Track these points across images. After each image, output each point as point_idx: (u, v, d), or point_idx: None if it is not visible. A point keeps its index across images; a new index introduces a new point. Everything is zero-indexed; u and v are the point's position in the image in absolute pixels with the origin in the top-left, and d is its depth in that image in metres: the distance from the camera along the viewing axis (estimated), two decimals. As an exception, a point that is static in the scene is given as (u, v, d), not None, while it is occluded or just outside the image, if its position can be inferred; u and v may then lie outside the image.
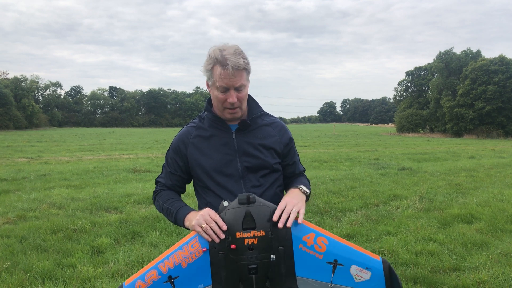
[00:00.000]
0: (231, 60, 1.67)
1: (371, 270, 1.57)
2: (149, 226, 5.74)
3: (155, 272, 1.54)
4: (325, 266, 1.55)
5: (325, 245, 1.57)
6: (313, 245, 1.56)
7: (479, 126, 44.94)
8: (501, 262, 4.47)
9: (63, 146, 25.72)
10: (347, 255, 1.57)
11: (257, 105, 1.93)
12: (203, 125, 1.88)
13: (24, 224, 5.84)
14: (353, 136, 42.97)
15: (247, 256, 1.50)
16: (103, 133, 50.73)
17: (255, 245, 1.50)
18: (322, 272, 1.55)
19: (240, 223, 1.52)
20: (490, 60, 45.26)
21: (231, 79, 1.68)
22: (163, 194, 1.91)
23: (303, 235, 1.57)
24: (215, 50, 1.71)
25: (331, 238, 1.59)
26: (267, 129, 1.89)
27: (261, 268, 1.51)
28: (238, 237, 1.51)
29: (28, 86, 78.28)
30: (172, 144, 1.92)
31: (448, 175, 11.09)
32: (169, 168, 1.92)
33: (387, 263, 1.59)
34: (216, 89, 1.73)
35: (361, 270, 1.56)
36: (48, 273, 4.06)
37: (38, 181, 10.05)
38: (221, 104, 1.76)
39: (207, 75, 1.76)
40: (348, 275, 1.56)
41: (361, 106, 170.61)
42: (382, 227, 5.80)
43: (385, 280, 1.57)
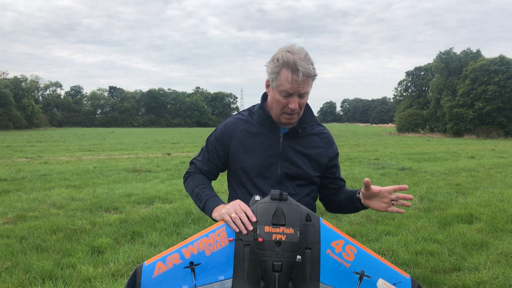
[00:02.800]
0: (302, 66, 1.59)
1: (399, 286, 1.51)
2: (149, 226, 5.73)
3: (177, 255, 1.50)
4: (351, 276, 1.50)
5: (354, 254, 1.52)
6: (341, 252, 1.51)
7: (479, 126, 44.93)
8: (501, 262, 4.47)
9: (63, 146, 25.72)
10: (375, 268, 1.52)
11: (311, 113, 1.87)
12: (252, 121, 1.82)
13: (24, 224, 5.84)
14: (353, 136, 42.98)
15: (273, 252, 1.45)
16: (103, 133, 50.74)
17: (282, 241, 1.46)
18: (348, 281, 1.50)
19: (270, 218, 1.48)
20: (490, 60, 45.24)
21: (299, 86, 1.62)
22: (197, 177, 1.87)
23: (332, 241, 1.52)
24: (285, 53, 1.62)
25: (360, 248, 1.54)
26: (314, 138, 1.85)
27: (286, 267, 1.45)
28: (267, 231, 1.47)
29: (28, 86, 78.24)
30: (216, 131, 1.87)
31: (448, 175, 11.09)
32: (208, 154, 1.88)
33: (416, 282, 1.52)
34: (278, 92, 1.67)
35: (388, 285, 1.50)
36: (48, 273, 4.06)
37: (38, 181, 10.05)
38: (281, 108, 1.70)
39: (271, 76, 1.69)
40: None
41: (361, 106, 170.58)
42: (382, 227, 5.80)
43: None
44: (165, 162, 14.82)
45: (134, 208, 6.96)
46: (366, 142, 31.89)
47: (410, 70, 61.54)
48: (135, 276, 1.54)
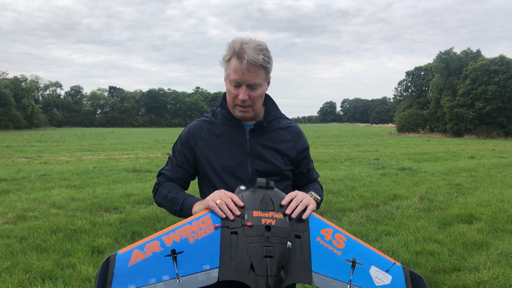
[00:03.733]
0: (248, 54, 1.56)
1: (392, 274, 1.46)
2: (149, 226, 5.73)
3: (157, 243, 1.38)
4: (343, 264, 1.43)
5: (344, 242, 1.46)
6: (331, 240, 1.45)
7: (479, 126, 44.93)
8: (501, 262, 4.47)
9: (63, 146, 25.72)
10: (366, 255, 1.47)
11: (275, 106, 1.82)
12: (216, 121, 1.78)
13: (24, 224, 5.84)
14: (353, 136, 42.97)
15: (263, 236, 1.36)
16: (103, 133, 50.73)
17: (272, 226, 1.38)
18: (340, 270, 1.43)
19: (258, 204, 1.44)
20: (490, 60, 45.24)
21: (245, 74, 1.58)
22: (168, 184, 1.76)
23: (321, 229, 1.47)
24: (236, 42, 1.61)
25: (349, 237, 1.50)
26: (282, 132, 1.80)
27: (277, 252, 1.35)
28: (255, 216, 1.40)
29: (28, 86, 78.25)
30: (181, 136, 1.82)
31: (448, 175, 11.09)
32: (176, 161, 1.79)
33: (407, 269, 1.48)
34: (229, 82, 1.64)
35: (381, 272, 1.45)
36: (48, 273, 4.06)
37: (38, 181, 10.05)
38: (232, 99, 1.66)
39: (225, 67, 1.67)
40: (368, 276, 1.44)
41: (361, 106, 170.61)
42: (382, 227, 5.80)
43: (407, 286, 1.46)
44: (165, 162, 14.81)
45: (134, 208, 6.96)
46: (366, 142, 31.89)
47: (410, 70, 61.56)
48: (107, 264, 1.35)
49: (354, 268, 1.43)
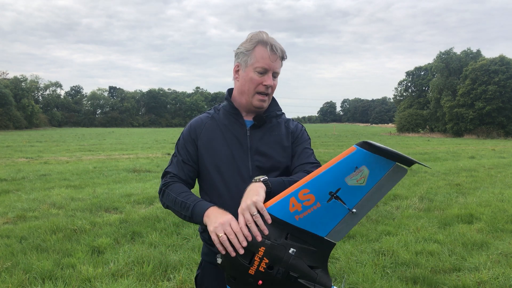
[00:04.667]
0: (277, 44, 1.67)
1: (363, 164, 1.37)
2: (149, 226, 5.73)
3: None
4: (330, 205, 1.39)
5: (310, 193, 1.40)
6: (303, 205, 1.39)
7: (479, 126, 44.90)
8: (501, 262, 4.47)
9: (63, 146, 25.71)
10: (334, 178, 1.38)
11: (276, 103, 1.86)
12: (218, 117, 1.79)
13: (24, 224, 5.84)
14: (353, 136, 42.96)
15: (273, 276, 1.40)
16: (103, 133, 50.73)
17: (268, 263, 1.40)
18: (334, 212, 1.40)
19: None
20: (490, 60, 45.21)
21: (274, 62, 1.66)
22: (176, 186, 1.69)
23: (288, 208, 1.41)
24: (261, 32, 1.69)
25: (308, 183, 1.41)
26: (281, 127, 1.82)
27: (285, 267, 1.40)
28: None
29: (28, 86, 78.26)
30: (183, 133, 1.81)
31: (448, 175, 11.09)
32: (181, 157, 1.76)
33: (365, 144, 1.37)
34: (253, 70, 1.66)
35: (355, 173, 1.37)
36: (48, 273, 4.06)
37: (38, 181, 10.05)
38: (254, 87, 1.68)
39: (244, 57, 1.69)
40: (352, 188, 1.38)
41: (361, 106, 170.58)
42: (382, 227, 5.80)
43: (377, 154, 1.36)
44: (165, 162, 14.81)
45: (134, 208, 6.96)
46: (366, 142, 31.81)
47: (410, 70, 61.53)
48: None
49: (339, 197, 1.38)
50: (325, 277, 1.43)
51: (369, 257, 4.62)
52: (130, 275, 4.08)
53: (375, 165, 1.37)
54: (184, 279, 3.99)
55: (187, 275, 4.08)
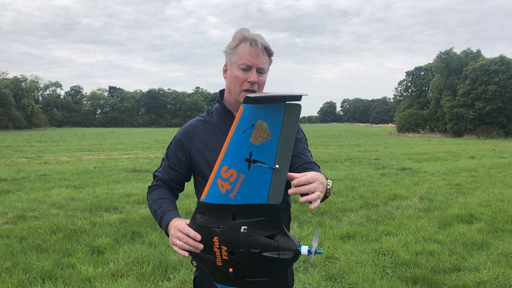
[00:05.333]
0: (260, 39, 1.65)
1: (258, 119, 1.34)
2: (149, 226, 5.73)
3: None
4: (254, 171, 1.37)
5: (229, 168, 1.38)
6: (230, 182, 1.38)
7: (479, 126, 44.92)
8: (501, 262, 4.47)
9: (63, 146, 25.72)
10: (241, 144, 1.36)
11: None
12: (211, 120, 1.78)
13: (24, 224, 5.84)
14: (353, 136, 42.98)
15: (238, 258, 1.40)
16: (103, 133, 50.74)
17: (228, 249, 1.40)
18: (260, 176, 1.38)
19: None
20: (490, 60, 45.24)
21: (258, 58, 1.64)
22: (155, 192, 1.76)
23: (220, 191, 1.40)
24: (244, 29, 1.68)
25: (222, 160, 1.40)
26: None
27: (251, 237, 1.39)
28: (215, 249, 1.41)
29: (28, 86, 78.29)
30: (175, 137, 1.82)
31: (448, 175, 11.09)
32: (169, 162, 1.79)
33: (248, 99, 1.31)
34: (237, 67, 1.66)
35: (256, 131, 1.35)
36: (48, 273, 4.06)
37: (38, 181, 10.05)
38: (239, 85, 1.67)
39: (229, 55, 1.69)
40: (262, 146, 1.36)
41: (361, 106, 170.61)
42: (382, 227, 5.80)
43: (264, 103, 1.32)
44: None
45: (134, 208, 6.96)
46: (366, 142, 31.90)
47: (410, 70, 61.55)
48: None
49: (255, 161, 1.37)
50: (287, 241, 1.41)
51: (369, 257, 4.62)
52: (130, 275, 4.08)
53: (269, 114, 1.35)
54: (184, 279, 3.99)
55: (187, 275, 4.08)
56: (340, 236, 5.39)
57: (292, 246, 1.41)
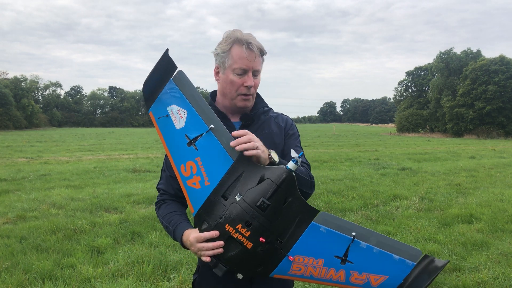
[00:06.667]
0: (254, 41, 1.58)
1: (164, 108, 1.46)
2: (149, 226, 5.73)
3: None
4: (203, 149, 1.44)
5: (185, 163, 1.45)
6: (194, 173, 1.43)
7: (479, 126, 44.88)
8: (501, 262, 4.47)
9: (63, 146, 25.71)
10: (175, 136, 1.45)
11: (261, 99, 1.79)
12: None
13: (24, 224, 5.84)
14: (353, 136, 42.97)
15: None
16: (103, 133, 50.72)
17: (243, 225, 1.37)
18: (210, 148, 1.43)
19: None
20: (491, 60, 45.21)
21: (253, 61, 1.58)
22: (162, 208, 1.73)
23: (195, 188, 1.44)
24: (235, 31, 1.60)
25: (175, 160, 1.47)
26: (271, 124, 1.75)
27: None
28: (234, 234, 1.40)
29: (28, 86, 78.23)
30: None
31: (448, 175, 11.09)
32: (169, 172, 1.74)
33: (147, 102, 1.48)
34: (232, 71, 1.59)
35: (173, 117, 1.45)
36: (48, 273, 4.06)
37: (38, 181, 10.05)
38: (236, 89, 1.62)
39: (222, 59, 1.62)
40: (189, 123, 1.44)
41: (361, 106, 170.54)
42: (382, 227, 5.80)
43: (156, 93, 1.46)
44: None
45: (134, 208, 6.96)
46: (366, 142, 31.89)
47: (410, 70, 61.50)
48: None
49: (196, 138, 1.44)
50: (273, 170, 1.39)
51: (369, 257, 4.62)
52: (130, 275, 4.08)
53: (169, 97, 1.44)
54: (184, 279, 3.99)
55: (187, 275, 4.08)
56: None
57: (279, 169, 1.39)
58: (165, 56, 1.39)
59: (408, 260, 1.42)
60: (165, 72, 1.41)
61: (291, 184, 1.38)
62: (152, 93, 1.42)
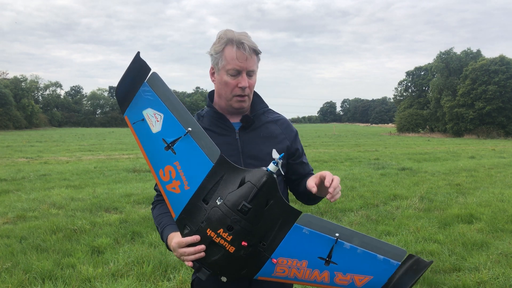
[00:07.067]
0: (247, 40, 1.56)
1: (139, 113, 1.42)
2: (149, 226, 5.73)
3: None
4: (181, 150, 1.41)
5: (163, 167, 1.42)
6: (173, 177, 1.41)
7: (479, 126, 44.89)
8: (501, 262, 4.47)
9: (63, 146, 25.71)
10: (152, 141, 1.43)
11: (261, 100, 1.77)
12: (203, 124, 1.70)
13: (24, 224, 5.84)
14: (353, 136, 42.97)
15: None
16: (103, 133, 50.72)
17: (224, 230, 1.36)
18: (189, 149, 1.41)
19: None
20: (490, 60, 45.21)
21: (247, 61, 1.56)
22: (156, 208, 1.75)
23: (175, 193, 1.42)
24: (227, 31, 1.58)
25: (153, 166, 1.45)
26: (272, 127, 1.73)
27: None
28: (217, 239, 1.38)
29: (28, 86, 78.23)
30: None
31: (448, 175, 11.09)
32: None
33: (121, 108, 1.44)
34: (225, 72, 1.58)
35: (149, 121, 1.42)
36: (48, 273, 4.06)
37: (38, 181, 10.05)
38: (230, 90, 1.60)
39: (215, 60, 1.61)
40: (165, 126, 1.42)
41: (361, 106, 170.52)
42: (382, 227, 5.80)
43: (129, 96, 1.42)
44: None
45: (134, 208, 6.96)
46: (366, 142, 31.89)
47: (410, 70, 61.49)
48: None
49: (174, 142, 1.41)
50: (253, 173, 1.39)
51: (369, 257, 4.62)
52: (130, 275, 4.08)
53: (143, 101, 1.40)
54: (184, 279, 3.99)
55: (187, 275, 4.08)
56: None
57: (260, 172, 1.38)
58: (137, 58, 1.36)
59: (392, 260, 1.42)
60: (139, 75, 1.38)
61: (272, 186, 1.37)
62: (126, 97, 1.38)
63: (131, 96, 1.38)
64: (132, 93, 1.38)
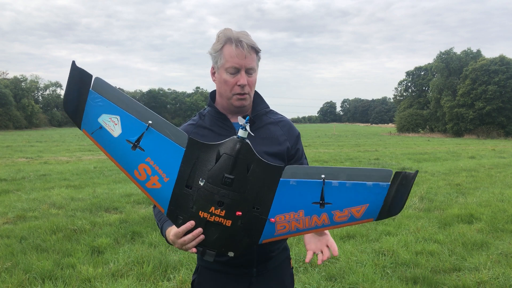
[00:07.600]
0: (245, 38, 1.58)
1: (96, 119, 1.39)
2: (149, 226, 5.73)
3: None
4: (150, 144, 1.40)
5: (138, 166, 1.41)
6: (151, 175, 1.40)
7: (479, 126, 44.88)
8: (501, 262, 4.47)
9: (63, 146, 25.71)
10: (114, 144, 1.40)
11: (263, 100, 1.77)
12: (204, 123, 1.72)
13: (24, 224, 5.84)
14: (353, 136, 42.96)
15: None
16: (103, 133, 50.68)
17: (217, 205, 1.37)
18: (159, 144, 1.40)
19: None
20: (491, 60, 45.20)
21: (246, 58, 1.57)
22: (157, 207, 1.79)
23: (157, 195, 1.41)
24: (226, 30, 1.61)
25: (126, 170, 1.42)
26: (273, 128, 1.74)
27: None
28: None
29: (28, 86, 78.24)
30: None
31: (448, 175, 11.09)
32: None
33: (73, 118, 1.38)
34: (225, 71, 1.60)
35: (107, 126, 1.39)
36: (48, 273, 4.07)
37: (38, 181, 10.05)
38: (230, 89, 1.61)
39: (215, 58, 1.63)
40: (126, 129, 1.40)
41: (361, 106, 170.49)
42: (382, 227, 5.80)
43: (83, 107, 1.37)
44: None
45: (134, 208, 6.96)
46: (366, 142, 31.89)
47: (410, 70, 61.49)
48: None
49: (139, 140, 1.40)
50: (226, 144, 1.39)
51: (369, 257, 4.62)
52: (130, 275, 4.08)
53: (95, 108, 1.38)
54: (184, 279, 3.99)
55: (187, 275, 4.08)
56: (340, 236, 5.39)
57: (232, 141, 1.39)
58: (74, 68, 1.33)
59: (381, 182, 1.43)
60: (82, 84, 1.35)
61: (248, 151, 1.38)
62: (76, 111, 1.36)
63: (81, 108, 1.35)
64: (82, 105, 1.35)
